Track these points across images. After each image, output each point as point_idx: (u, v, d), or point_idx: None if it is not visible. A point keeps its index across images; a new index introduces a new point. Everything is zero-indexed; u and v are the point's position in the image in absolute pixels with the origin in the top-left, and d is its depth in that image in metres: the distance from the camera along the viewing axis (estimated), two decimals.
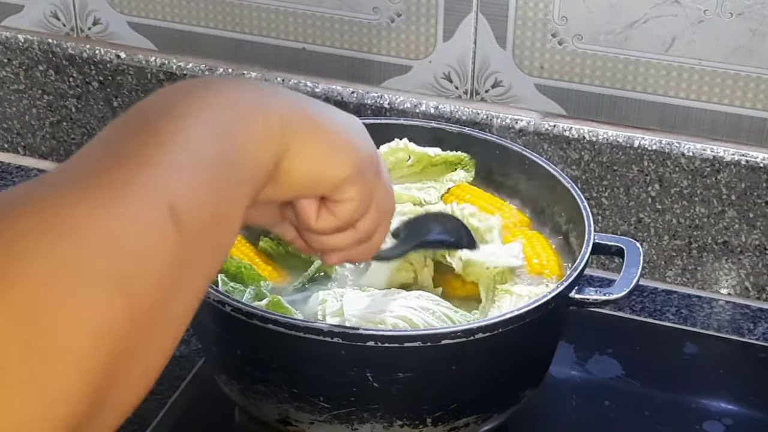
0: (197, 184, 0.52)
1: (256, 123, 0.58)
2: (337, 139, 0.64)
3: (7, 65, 1.28)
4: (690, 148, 1.07)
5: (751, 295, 1.11)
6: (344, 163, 0.64)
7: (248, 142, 0.57)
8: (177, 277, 0.49)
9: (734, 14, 1.01)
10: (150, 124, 0.53)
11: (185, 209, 0.50)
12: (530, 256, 0.91)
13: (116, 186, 0.48)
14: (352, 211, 0.66)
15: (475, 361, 0.81)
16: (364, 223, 0.68)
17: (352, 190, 0.65)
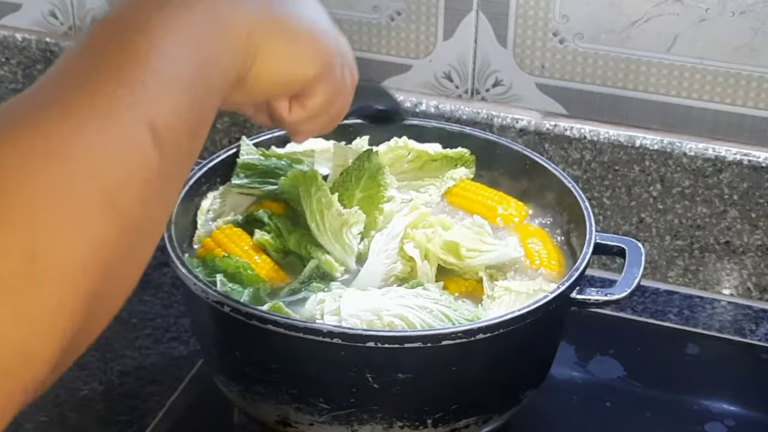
0: (176, 100, 0.54)
1: (228, 33, 0.59)
2: (304, 40, 0.66)
3: (5, 64, 1.28)
4: (692, 148, 1.06)
5: (753, 296, 1.11)
6: (311, 63, 0.67)
7: (220, 53, 0.59)
8: (158, 189, 0.52)
9: (736, 13, 1.01)
10: (127, 39, 0.54)
11: (165, 128, 0.52)
12: (531, 251, 0.90)
13: (99, 106, 0.49)
14: (322, 104, 0.71)
15: (476, 362, 0.80)
16: (333, 108, 0.73)
17: (320, 87, 0.69)
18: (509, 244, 0.90)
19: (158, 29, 0.55)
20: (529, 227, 0.95)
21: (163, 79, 0.53)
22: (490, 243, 0.89)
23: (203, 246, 0.90)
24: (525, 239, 0.92)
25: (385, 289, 0.84)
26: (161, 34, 0.55)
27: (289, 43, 0.65)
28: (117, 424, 0.93)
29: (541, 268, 0.90)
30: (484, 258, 0.88)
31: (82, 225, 0.46)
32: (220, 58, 0.59)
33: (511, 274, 0.89)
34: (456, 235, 0.88)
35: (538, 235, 0.93)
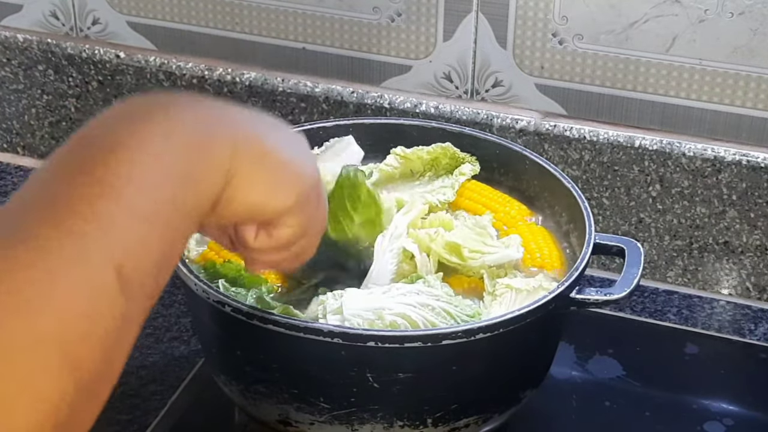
0: (146, 234, 0.52)
1: (208, 156, 0.57)
2: (283, 170, 0.63)
3: (6, 65, 1.28)
4: (691, 148, 1.07)
5: (752, 296, 1.11)
6: (287, 194, 0.64)
7: (199, 177, 0.56)
8: (119, 336, 0.50)
9: (735, 14, 1.01)
10: (99, 163, 0.51)
11: (133, 269, 0.50)
12: (533, 250, 0.91)
13: (67, 249, 0.47)
14: (290, 236, 0.67)
15: (476, 362, 0.81)
16: (299, 245, 0.69)
17: (292, 219, 0.65)
18: (511, 245, 0.90)
19: (133, 153, 0.52)
20: (532, 226, 0.95)
21: (136, 212, 0.51)
22: (492, 245, 0.89)
23: (202, 255, 0.90)
24: (527, 238, 0.92)
25: (387, 287, 0.84)
26: (137, 160, 0.52)
27: (269, 170, 0.62)
28: (118, 424, 0.93)
29: (541, 266, 0.90)
30: (486, 259, 0.88)
31: (38, 390, 0.44)
32: (199, 181, 0.56)
33: (512, 271, 0.89)
34: (458, 236, 0.88)
35: (540, 234, 0.93)
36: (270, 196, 0.63)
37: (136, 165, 0.52)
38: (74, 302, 0.47)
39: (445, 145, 0.99)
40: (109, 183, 0.50)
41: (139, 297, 0.51)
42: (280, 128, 0.66)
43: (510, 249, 0.89)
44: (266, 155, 0.62)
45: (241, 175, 0.59)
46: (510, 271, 0.89)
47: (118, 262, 0.49)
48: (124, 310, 0.49)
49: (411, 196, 0.96)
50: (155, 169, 0.53)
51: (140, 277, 0.51)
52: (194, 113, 0.58)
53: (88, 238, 0.48)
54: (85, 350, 0.47)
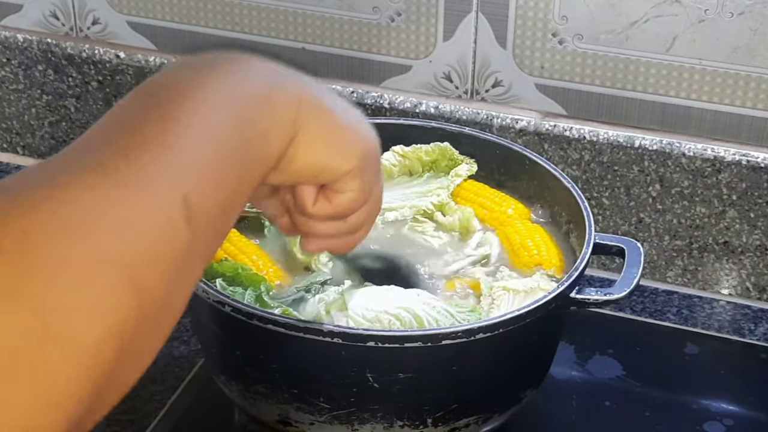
0: (212, 174, 0.51)
1: (275, 108, 0.57)
2: (346, 131, 0.63)
3: (6, 65, 1.28)
4: (691, 148, 1.07)
5: (752, 296, 1.11)
6: (351, 155, 0.63)
7: (266, 128, 0.56)
8: (183, 268, 0.49)
9: (735, 14, 1.01)
10: (170, 105, 0.52)
11: (198, 202, 0.49)
12: (529, 248, 0.91)
13: (131, 175, 0.47)
14: (350, 202, 0.66)
15: (476, 362, 0.81)
16: (357, 217, 0.68)
17: (353, 182, 0.64)
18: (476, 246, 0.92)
19: (205, 95, 0.53)
20: (527, 224, 0.95)
21: (204, 150, 0.51)
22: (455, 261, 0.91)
23: None
24: (523, 236, 0.92)
25: (385, 287, 0.84)
26: (208, 102, 0.53)
27: (333, 131, 0.62)
28: (118, 424, 0.93)
29: (539, 263, 0.90)
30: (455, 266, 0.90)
31: (101, 305, 0.43)
32: (265, 132, 0.57)
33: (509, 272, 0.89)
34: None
35: (537, 232, 0.93)
36: (333, 155, 0.62)
37: (207, 105, 0.52)
38: (138, 224, 0.46)
39: (443, 146, 0.99)
40: (179, 119, 0.51)
41: (204, 233, 0.50)
42: (339, 97, 0.66)
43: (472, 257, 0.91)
44: (330, 116, 0.62)
45: (306, 132, 0.59)
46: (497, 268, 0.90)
47: (185, 191, 0.49)
48: (190, 241, 0.49)
49: (403, 198, 0.96)
50: (225, 110, 0.53)
51: (206, 212, 0.50)
52: (261, 69, 0.59)
53: (155, 165, 0.48)
54: (149, 274, 0.46)
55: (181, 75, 0.55)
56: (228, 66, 0.56)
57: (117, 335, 0.44)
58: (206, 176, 0.51)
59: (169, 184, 0.48)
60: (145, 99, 0.53)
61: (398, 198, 0.97)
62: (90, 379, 0.43)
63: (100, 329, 0.43)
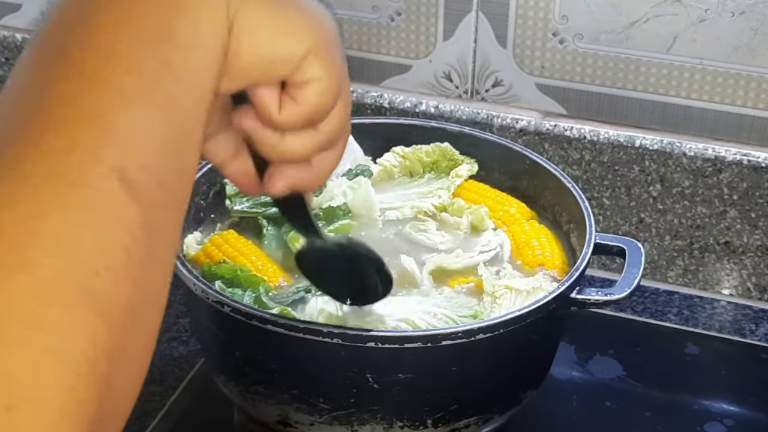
0: (146, 121, 0.43)
1: (197, 11, 0.48)
2: (293, 8, 0.54)
3: (4, 64, 1.27)
4: (691, 148, 1.06)
5: (752, 296, 1.11)
6: (302, 35, 0.54)
7: (193, 40, 0.47)
8: (149, 250, 0.42)
9: (736, 13, 1.01)
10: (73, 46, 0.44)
11: (138, 167, 0.42)
12: (534, 248, 0.91)
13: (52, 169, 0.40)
14: (319, 94, 0.56)
15: (476, 362, 0.80)
16: (329, 122, 0.58)
17: (315, 66, 0.55)
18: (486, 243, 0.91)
19: (110, 22, 0.45)
20: (533, 224, 0.95)
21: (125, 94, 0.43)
22: (466, 257, 0.90)
23: (202, 250, 0.90)
24: (528, 235, 0.92)
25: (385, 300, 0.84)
26: (115, 29, 0.44)
27: (274, 14, 0.52)
28: None
29: (542, 263, 0.90)
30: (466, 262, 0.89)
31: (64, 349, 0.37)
32: (193, 44, 0.47)
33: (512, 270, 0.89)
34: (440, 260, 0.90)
35: (542, 232, 0.93)
36: (282, 38, 0.53)
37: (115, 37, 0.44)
38: (77, 235, 0.39)
39: (443, 146, 0.99)
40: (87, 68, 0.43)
41: (158, 197, 0.43)
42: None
43: (484, 254, 0.90)
44: (273, 5, 0.52)
45: (245, 18, 0.50)
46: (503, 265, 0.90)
47: (117, 166, 0.41)
48: (142, 219, 0.42)
49: (403, 199, 0.96)
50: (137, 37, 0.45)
51: (151, 174, 0.43)
52: None
53: (75, 149, 0.41)
54: (108, 284, 0.40)
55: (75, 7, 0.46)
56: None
57: (92, 374, 0.38)
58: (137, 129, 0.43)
59: (93, 166, 0.41)
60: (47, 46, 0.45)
61: (399, 198, 0.97)
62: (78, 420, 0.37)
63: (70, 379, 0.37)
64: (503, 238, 0.93)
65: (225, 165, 0.61)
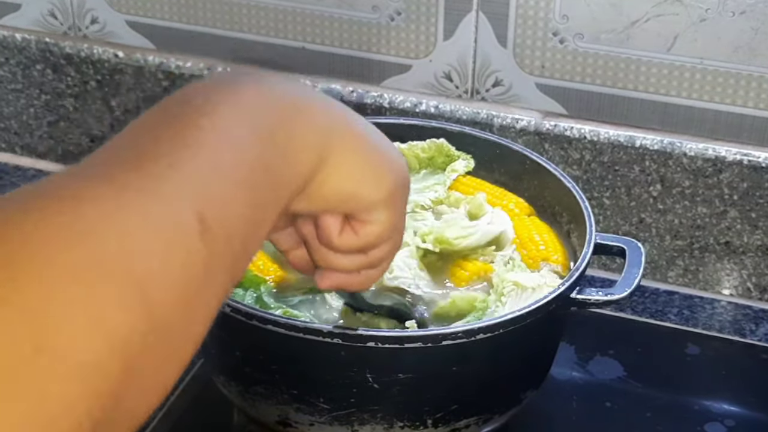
0: (231, 190, 0.49)
1: (299, 127, 0.54)
2: (377, 158, 0.60)
3: (4, 64, 1.27)
4: (692, 148, 1.06)
5: (753, 296, 1.11)
6: (383, 184, 0.60)
7: (289, 147, 0.53)
8: (200, 287, 0.46)
9: (736, 13, 1.01)
10: (188, 118, 0.49)
11: (216, 220, 0.46)
12: (536, 242, 0.91)
13: (145, 187, 0.45)
14: (377, 234, 0.63)
15: (476, 362, 0.80)
16: (380, 251, 0.65)
17: (383, 213, 0.62)
18: (490, 221, 0.91)
19: (223, 107, 0.50)
20: (534, 219, 0.95)
21: (221, 167, 0.48)
22: (469, 227, 0.90)
23: None
24: (529, 229, 0.92)
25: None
26: (226, 113, 0.50)
27: (366, 158, 0.59)
28: None
29: (545, 258, 0.90)
30: (471, 240, 0.89)
31: (102, 317, 0.40)
32: (289, 151, 0.53)
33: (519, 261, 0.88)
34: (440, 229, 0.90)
35: (544, 228, 0.93)
36: (365, 183, 0.59)
37: (225, 119, 0.50)
38: (147, 233, 0.43)
39: (439, 142, 0.99)
40: (196, 137, 0.48)
41: (225, 253, 0.47)
42: (365, 120, 0.62)
43: (489, 225, 0.90)
44: (363, 143, 0.59)
45: (337, 157, 0.56)
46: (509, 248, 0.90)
47: (200, 205, 0.46)
48: (206, 259, 0.45)
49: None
50: (244, 127, 0.51)
51: (225, 231, 0.47)
52: (287, 87, 0.56)
53: (169, 176, 0.45)
54: (159, 289, 0.43)
55: (200, 91, 0.52)
56: (249, 84, 0.53)
57: (121, 352, 0.40)
58: (224, 191, 0.48)
59: (183, 195, 0.46)
60: (161, 114, 0.50)
61: None
62: (88, 398, 0.39)
63: (99, 344, 0.39)
64: (504, 215, 0.93)
65: (288, 252, 0.69)
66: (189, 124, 0.49)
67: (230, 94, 0.52)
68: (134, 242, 0.43)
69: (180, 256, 0.44)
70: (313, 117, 0.56)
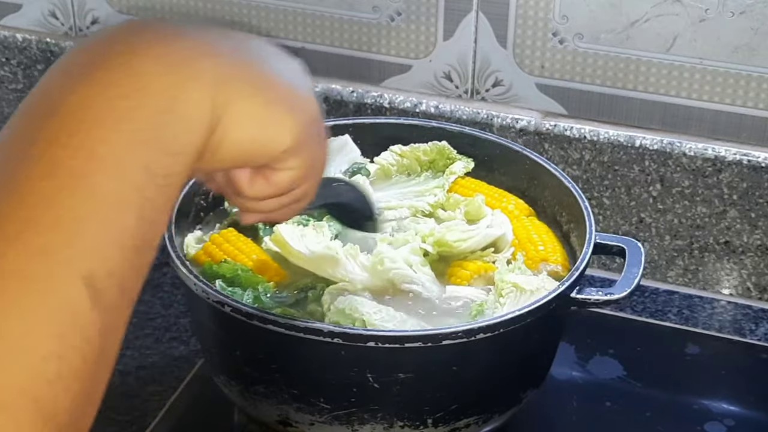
0: (121, 223, 0.45)
1: (183, 107, 0.49)
2: (279, 103, 0.55)
3: (5, 64, 1.28)
4: (691, 148, 1.06)
5: (752, 296, 1.11)
6: (286, 132, 0.55)
7: (174, 134, 0.48)
8: (102, 353, 0.43)
9: (736, 13, 1.01)
10: (53, 143, 0.44)
11: (106, 273, 0.43)
12: (535, 242, 0.91)
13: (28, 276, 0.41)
14: (291, 180, 0.59)
15: (476, 362, 0.80)
16: (300, 190, 0.62)
17: (293, 160, 0.58)
18: (490, 224, 0.91)
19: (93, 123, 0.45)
20: (533, 220, 0.95)
21: (104, 197, 0.44)
22: (470, 230, 0.90)
23: (203, 249, 0.90)
24: (528, 230, 0.92)
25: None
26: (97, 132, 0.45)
27: (262, 107, 0.53)
28: (117, 424, 0.93)
29: (544, 258, 0.90)
30: (471, 243, 0.89)
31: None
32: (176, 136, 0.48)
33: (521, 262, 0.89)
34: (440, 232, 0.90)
35: (543, 229, 0.93)
36: (266, 135, 0.54)
37: (96, 140, 0.45)
38: (35, 341, 0.40)
39: (441, 145, 0.99)
40: (68, 169, 0.44)
41: (119, 301, 0.44)
42: (271, 52, 0.57)
43: (489, 229, 0.90)
44: (258, 87, 0.53)
45: (231, 114, 0.51)
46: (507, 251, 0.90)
47: (86, 273, 0.42)
48: (101, 324, 0.43)
49: (400, 198, 0.96)
50: (119, 141, 0.46)
51: (117, 279, 0.44)
52: (163, 57, 0.49)
53: (49, 253, 0.41)
54: (58, 391, 0.40)
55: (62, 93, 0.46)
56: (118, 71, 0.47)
57: None
58: (111, 233, 0.44)
59: (63, 272, 0.42)
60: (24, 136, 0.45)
61: (396, 197, 0.97)
62: None
63: None
64: (504, 218, 0.93)
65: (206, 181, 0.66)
66: (52, 151, 0.44)
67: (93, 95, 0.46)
68: (24, 355, 0.40)
69: (76, 344, 0.42)
70: (194, 86, 0.50)
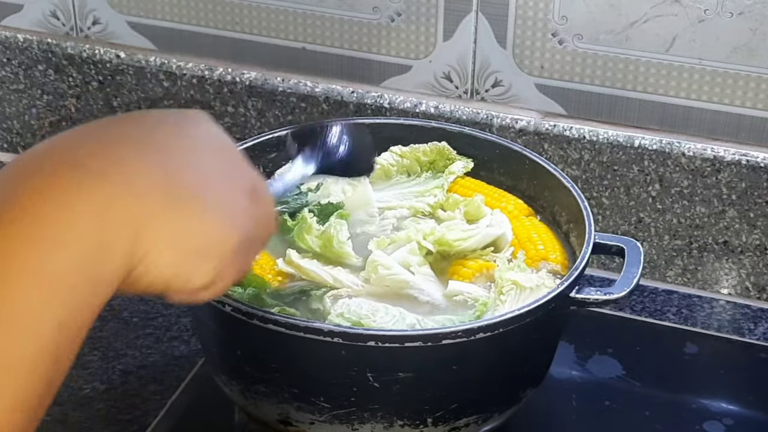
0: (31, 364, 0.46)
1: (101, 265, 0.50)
2: (195, 253, 0.55)
3: (6, 65, 1.28)
4: (690, 148, 1.07)
5: (751, 295, 1.11)
6: (207, 269, 0.56)
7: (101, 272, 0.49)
8: None
9: (735, 14, 1.01)
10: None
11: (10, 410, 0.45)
12: (535, 241, 0.91)
13: None
14: (214, 294, 0.59)
15: (476, 361, 0.81)
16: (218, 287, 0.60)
17: (219, 285, 0.58)
18: (490, 224, 0.91)
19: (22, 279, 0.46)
20: (532, 219, 0.95)
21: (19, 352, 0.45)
22: (470, 229, 0.90)
23: None
24: (527, 230, 0.93)
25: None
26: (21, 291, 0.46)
27: (181, 255, 0.54)
28: (118, 423, 0.93)
29: (544, 258, 0.90)
30: (471, 242, 0.89)
31: None
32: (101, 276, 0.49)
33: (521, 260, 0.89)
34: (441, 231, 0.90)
35: (543, 228, 0.94)
36: (181, 279, 0.55)
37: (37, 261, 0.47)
38: None
39: (441, 145, 0.99)
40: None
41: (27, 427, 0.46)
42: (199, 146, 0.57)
43: (488, 228, 0.90)
44: (179, 232, 0.54)
45: (151, 257, 0.52)
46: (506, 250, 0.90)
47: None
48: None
49: (400, 198, 0.96)
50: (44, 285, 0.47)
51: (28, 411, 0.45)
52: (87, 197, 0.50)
53: None
54: None
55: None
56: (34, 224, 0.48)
57: None
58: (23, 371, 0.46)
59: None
60: None
61: (396, 197, 0.97)
62: None
63: None
64: (503, 218, 0.93)
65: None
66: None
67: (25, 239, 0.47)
68: None
69: None
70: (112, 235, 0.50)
